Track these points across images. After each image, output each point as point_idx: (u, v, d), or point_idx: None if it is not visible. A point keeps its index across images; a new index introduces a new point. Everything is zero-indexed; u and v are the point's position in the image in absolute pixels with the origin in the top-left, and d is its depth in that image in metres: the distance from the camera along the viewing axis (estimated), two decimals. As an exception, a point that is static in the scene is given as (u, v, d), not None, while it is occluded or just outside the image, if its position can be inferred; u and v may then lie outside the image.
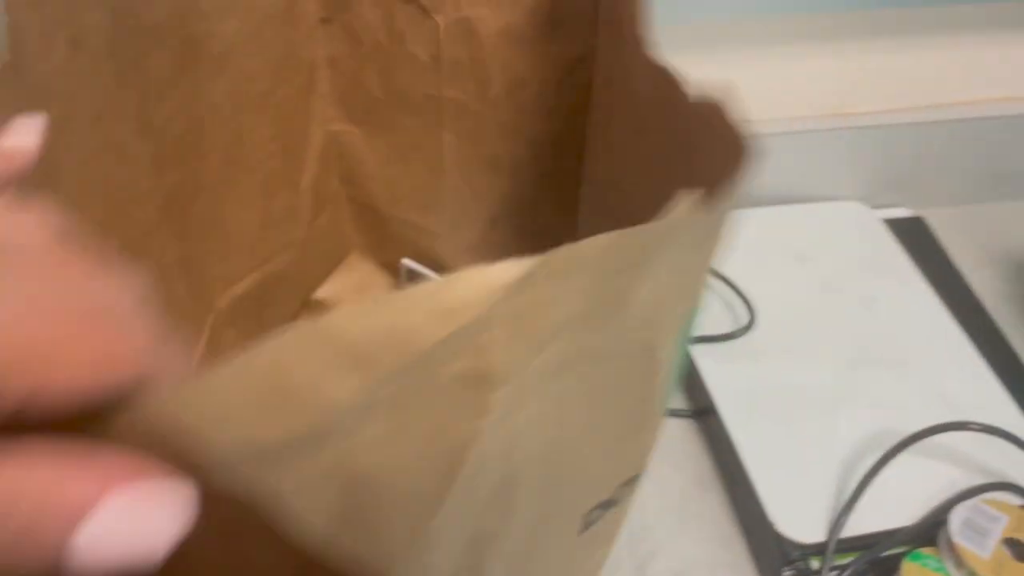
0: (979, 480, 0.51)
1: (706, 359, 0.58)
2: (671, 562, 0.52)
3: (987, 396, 0.57)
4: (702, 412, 0.57)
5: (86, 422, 0.16)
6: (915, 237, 0.70)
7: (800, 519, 0.49)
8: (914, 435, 0.51)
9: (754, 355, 0.58)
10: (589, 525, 0.34)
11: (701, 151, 0.29)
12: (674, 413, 0.58)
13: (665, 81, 0.32)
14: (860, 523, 0.49)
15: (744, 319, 0.60)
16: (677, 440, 0.57)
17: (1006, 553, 0.46)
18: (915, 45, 0.67)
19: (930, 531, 0.49)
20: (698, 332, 0.58)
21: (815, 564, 0.48)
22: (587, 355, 0.24)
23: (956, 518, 0.48)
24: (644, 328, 0.26)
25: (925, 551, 0.48)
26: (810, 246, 0.67)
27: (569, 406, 0.25)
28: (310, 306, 0.62)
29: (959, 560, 0.46)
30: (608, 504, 0.34)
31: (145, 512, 0.15)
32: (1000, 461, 0.52)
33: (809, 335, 0.60)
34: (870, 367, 0.58)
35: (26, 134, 0.25)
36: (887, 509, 0.50)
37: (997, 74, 0.69)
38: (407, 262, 0.62)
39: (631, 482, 0.35)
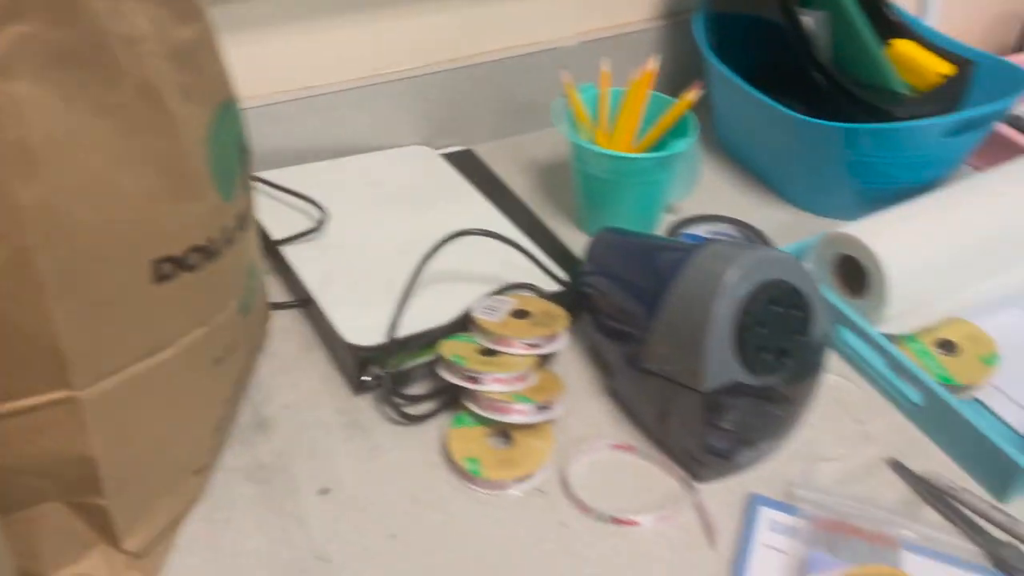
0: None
1: (295, 256, 0.72)
2: (284, 399, 0.64)
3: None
4: (304, 302, 0.71)
5: None
6: (468, 164, 0.90)
7: (364, 332, 0.64)
8: (435, 245, 0.68)
9: (329, 248, 0.74)
10: (163, 279, 0.45)
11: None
12: (278, 306, 0.71)
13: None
14: (412, 326, 0.65)
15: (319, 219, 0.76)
16: (288, 326, 0.71)
17: (512, 318, 0.64)
18: (432, 10, 0.88)
19: (465, 323, 0.66)
20: (282, 234, 0.73)
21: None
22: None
23: (478, 305, 0.65)
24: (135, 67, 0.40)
25: (460, 335, 0.65)
26: (383, 177, 0.85)
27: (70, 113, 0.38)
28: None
29: (477, 326, 0.63)
30: (182, 264, 0.46)
31: None
32: (513, 276, 0.71)
33: (375, 231, 0.77)
34: (424, 246, 0.75)
35: None
36: (432, 315, 0.66)
37: (506, 26, 0.92)
38: None
39: (203, 252, 0.47)
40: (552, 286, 0.71)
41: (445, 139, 0.93)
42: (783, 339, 0.55)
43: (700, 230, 0.81)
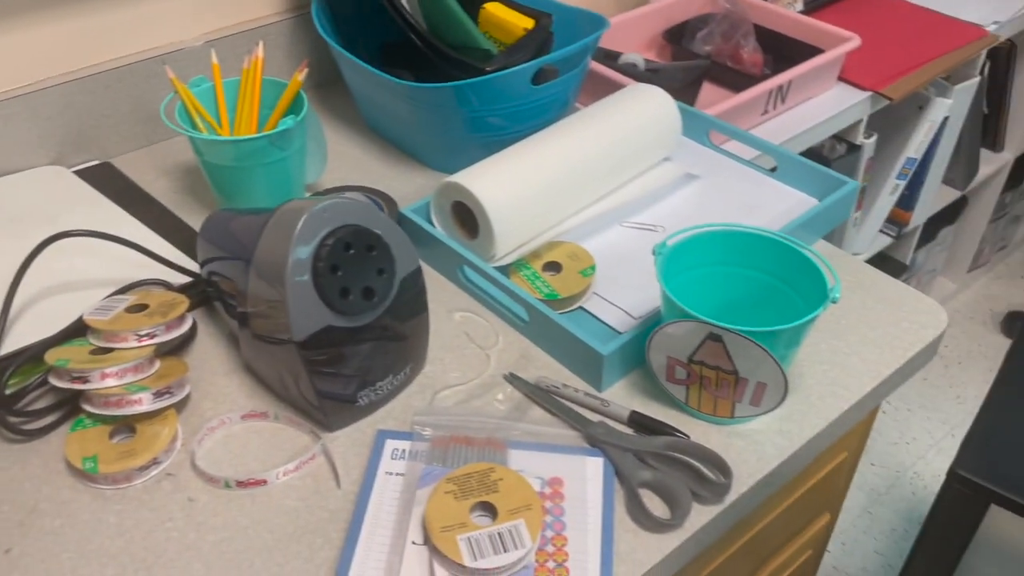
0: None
1: None
2: None
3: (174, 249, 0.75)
4: None
5: None
6: (105, 177, 0.88)
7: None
8: (30, 254, 0.66)
9: None
10: None
11: None
12: None
13: None
14: (20, 341, 0.63)
15: None
16: None
17: (125, 314, 0.64)
18: (40, 22, 0.85)
19: (78, 329, 0.64)
20: None
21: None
22: None
23: (91, 308, 0.64)
24: None
25: (73, 340, 0.63)
26: (4, 202, 0.81)
27: None
28: None
29: (87, 328, 0.62)
30: None
31: None
32: (145, 276, 0.71)
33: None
34: (47, 264, 0.73)
35: None
36: (48, 327, 0.64)
37: (125, 33, 0.91)
38: None
39: None
40: (181, 279, 0.72)
41: (80, 155, 0.90)
42: (365, 279, 0.59)
43: (342, 204, 0.84)
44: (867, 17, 1.33)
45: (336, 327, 0.58)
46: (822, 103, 1.13)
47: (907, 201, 1.51)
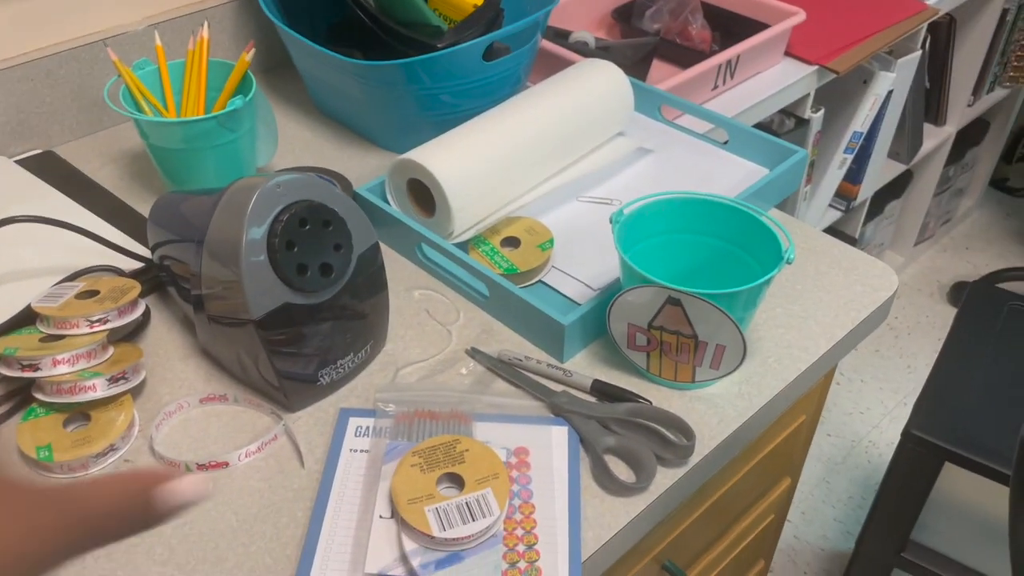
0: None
1: None
2: None
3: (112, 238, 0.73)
4: None
5: None
6: (48, 166, 0.86)
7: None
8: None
9: None
10: None
11: None
12: None
13: None
14: (-36, 333, 0.61)
15: None
16: None
17: (76, 300, 0.62)
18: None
19: (27, 318, 0.63)
20: None
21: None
22: None
23: (39, 296, 0.63)
24: None
25: (22, 329, 0.62)
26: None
27: None
28: None
29: (37, 315, 0.61)
30: None
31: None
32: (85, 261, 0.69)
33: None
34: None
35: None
36: (-9, 317, 0.62)
37: (63, 18, 0.88)
38: None
39: None
40: (132, 264, 0.70)
41: (22, 144, 0.88)
42: (321, 255, 0.58)
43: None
44: (811, -7, 1.35)
45: (294, 304, 0.57)
46: (770, 77, 1.15)
47: (855, 175, 1.54)
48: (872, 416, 1.77)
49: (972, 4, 1.65)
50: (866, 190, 1.60)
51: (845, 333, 0.69)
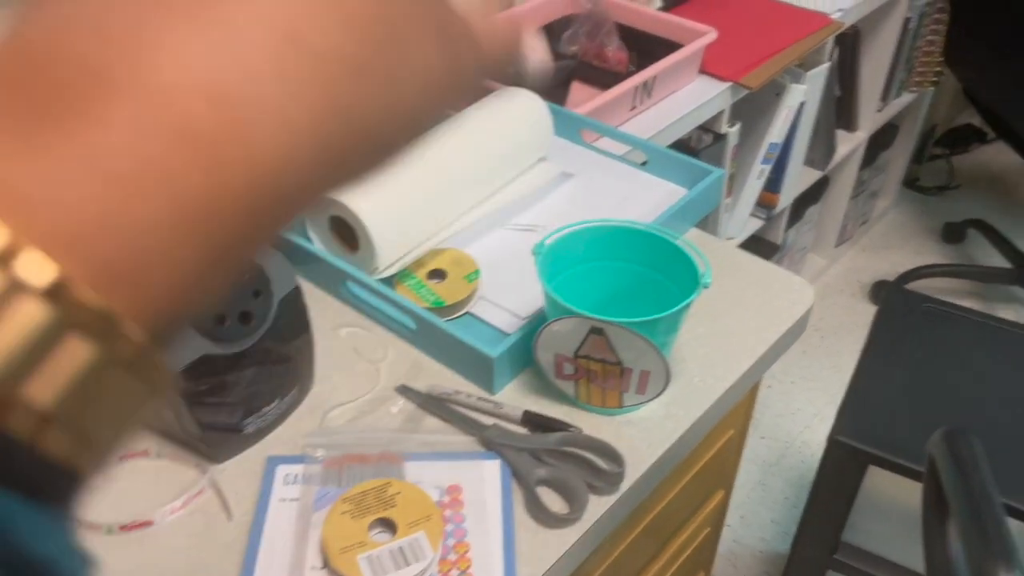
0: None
1: None
2: None
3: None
4: None
5: None
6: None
7: None
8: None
9: None
10: None
11: None
12: None
13: None
14: None
15: None
16: None
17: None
18: None
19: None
20: None
21: None
22: None
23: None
24: None
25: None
26: None
27: None
28: None
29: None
30: None
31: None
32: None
33: None
34: None
35: None
36: None
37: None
38: None
39: None
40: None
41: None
42: (240, 303, 0.57)
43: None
44: (722, 10, 1.38)
45: (214, 356, 0.56)
46: (686, 96, 1.18)
47: (773, 184, 1.58)
48: (803, 416, 1.81)
49: (875, 15, 1.72)
50: (785, 198, 1.64)
51: (766, 349, 0.71)
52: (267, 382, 0.61)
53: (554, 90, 1.09)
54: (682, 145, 1.29)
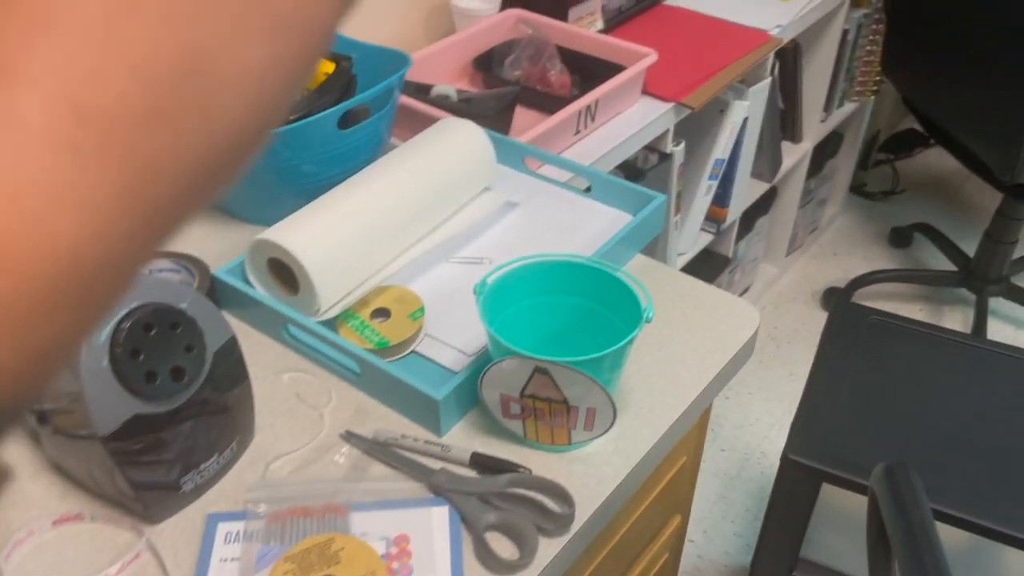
0: None
1: None
2: None
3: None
4: None
5: None
6: None
7: None
8: None
9: None
10: None
11: None
12: None
13: None
14: None
15: None
16: None
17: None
18: None
19: None
20: None
21: None
22: None
23: None
24: None
25: None
26: None
27: None
28: None
29: None
30: None
31: None
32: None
33: None
34: None
35: None
36: None
37: None
38: None
39: None
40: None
41: None
42: (172, 359, 0.55)
43: (152, 271, 0.80)
44: (662, 31, 1.39)
45: (145, 414, 0.54)
46: (630, 118, 1.18)
47: (721, 199, 1.59)
48: (761, 427, 1.83)
49: (814, 29, 1.75)
50: (734, 212, 1.66)
51: (713, 376, 0.71)
52: (205, 435, 0.59)
53: (498, 117, 1.09)
54: (629, 166, 1.30)
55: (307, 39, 0.20)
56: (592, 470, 0.63)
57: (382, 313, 0.74)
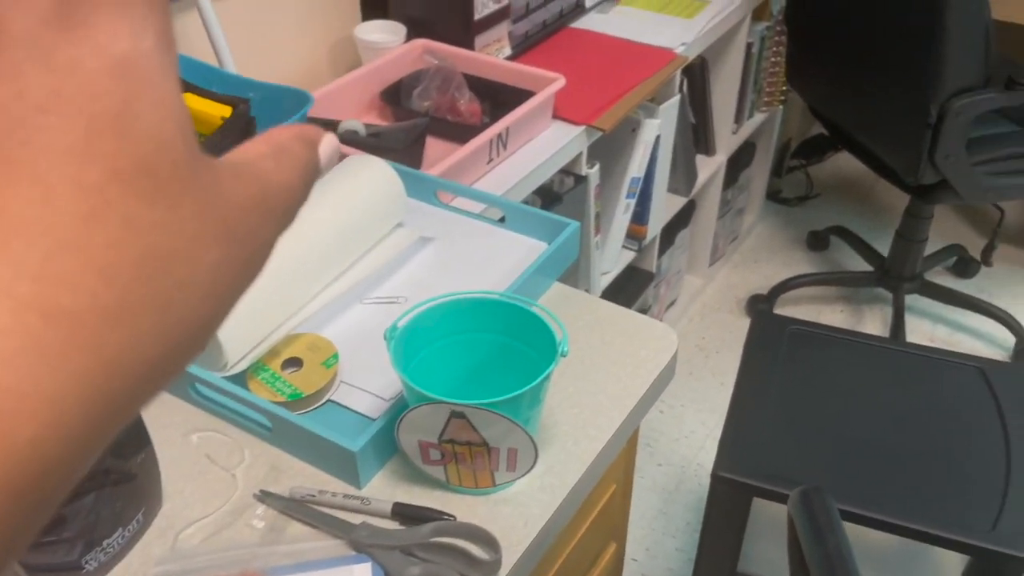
0: None
1: None
2: None
3: None
4: None
5: None
6: None
7: None
8: None
9: None
10: None
11: None
12: None
13: None
14: None
15: None
16: None
17: None
18: None
19: None
20: None
21: None
22: None
23: None
24: None
25: None
26: None
27: None
28: None
29: None
30: None
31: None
32: None
33: None
34: None
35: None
36: None
37: None
38: None
39: None
40: None
41: None
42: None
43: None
44: (570, 54, 1.40)
45: (37, 495, 0.51)
46: (542, 143, 1.18)
47: (640, 216, 1.61)
48: (696, 438, 1.84)
49: (718, 44, 1.79)
50: (654, 228, 1.68)
51: (636, 402, 0.71)
52: (109, 507, 0.56)
53: (409, 150, 1.07)
54: (546, 190, 1.30)
55: (257, 247, 0.22)
56: (519, 510, 0.62)
57: (294, 363, 0.71)
